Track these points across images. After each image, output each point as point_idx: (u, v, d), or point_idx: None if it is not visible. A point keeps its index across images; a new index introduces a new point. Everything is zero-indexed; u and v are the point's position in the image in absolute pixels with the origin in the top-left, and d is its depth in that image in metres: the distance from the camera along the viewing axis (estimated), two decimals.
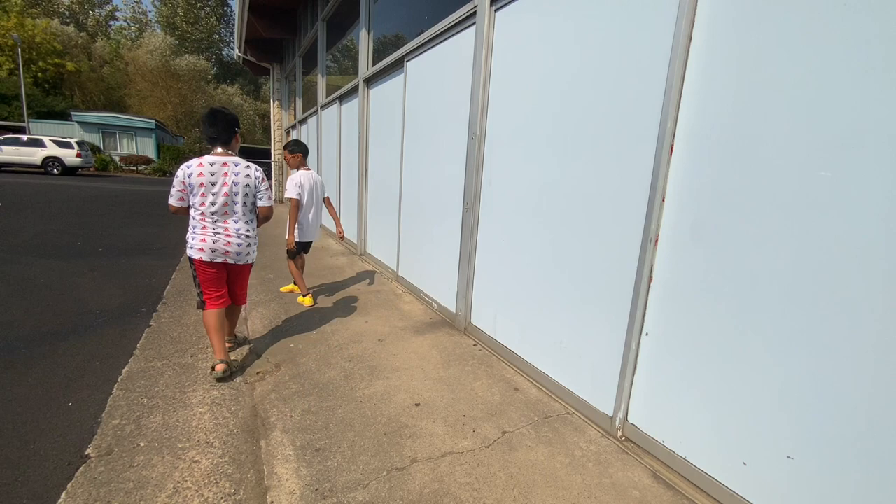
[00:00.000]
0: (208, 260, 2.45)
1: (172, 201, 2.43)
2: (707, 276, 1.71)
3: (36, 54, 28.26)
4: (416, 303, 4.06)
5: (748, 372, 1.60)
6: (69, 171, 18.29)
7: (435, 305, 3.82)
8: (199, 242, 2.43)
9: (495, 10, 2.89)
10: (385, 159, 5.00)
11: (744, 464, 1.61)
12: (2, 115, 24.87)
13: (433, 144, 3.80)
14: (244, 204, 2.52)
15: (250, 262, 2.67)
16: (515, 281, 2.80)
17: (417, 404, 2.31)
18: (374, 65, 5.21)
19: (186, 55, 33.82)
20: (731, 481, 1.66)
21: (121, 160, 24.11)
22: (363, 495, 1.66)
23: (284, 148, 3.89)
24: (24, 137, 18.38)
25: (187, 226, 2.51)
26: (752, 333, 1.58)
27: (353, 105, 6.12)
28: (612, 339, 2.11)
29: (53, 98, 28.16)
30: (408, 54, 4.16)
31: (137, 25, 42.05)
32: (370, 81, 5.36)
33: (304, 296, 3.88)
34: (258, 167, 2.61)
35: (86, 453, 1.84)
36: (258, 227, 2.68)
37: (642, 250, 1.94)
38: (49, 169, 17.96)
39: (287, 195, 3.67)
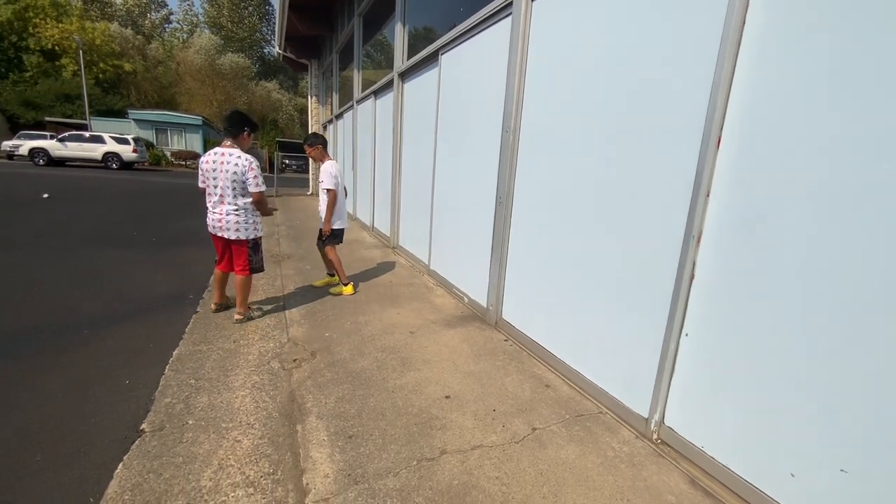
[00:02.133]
0: (211, 231, 3.08)
1: (199, 184, 3.10)
2: (755, 275, 1.62)
3: (96, 56, 30.30)
4: (447, 296, 4.09)
5: (798, 378, 1.50)
6: (126, 165, 19.58)
7: (466, 299, 3.82)
8: (207, 217, 3.07)
9: (532, 0, 2.82)
10: (418, 153, 5.02)
11: (792, 475, 1.53)
12: (66, 113, 26.90)
13: (466, 138, 3.78)
14: (233, 189, 2.94)
15: (241, 237, 3.06)
16: (548, 277, 2.75)
17: (448, 397, 2.33)
18: (408, 59, 5.23)
19: (230, 54, 35.25)
20: (776, 493, 1.57)
21: (171, 155, 25.58)
22: (393, 483, 1.70)
23: (304, 143, 3.97)
24: (87, 134, 19.85)
25: None
26: (803, 337, 1.48)
27: (387, 99, 6.18)
28: (648, 338, 2.04)
29: (112, 97, 30.16)
30: (442, 47, 4.14)
31: (189, 27, 44.19)
32: (405, 75, 5.39)
33: (345, 284, 3.99)
34: (249, 158, 2.96)
35: (141, 428, 1.98)
36: (258, 209, 3.08)
37: (684, 247, 1.85)
38: (108, 164, 19.31)
39: (324, 186, 3.76)
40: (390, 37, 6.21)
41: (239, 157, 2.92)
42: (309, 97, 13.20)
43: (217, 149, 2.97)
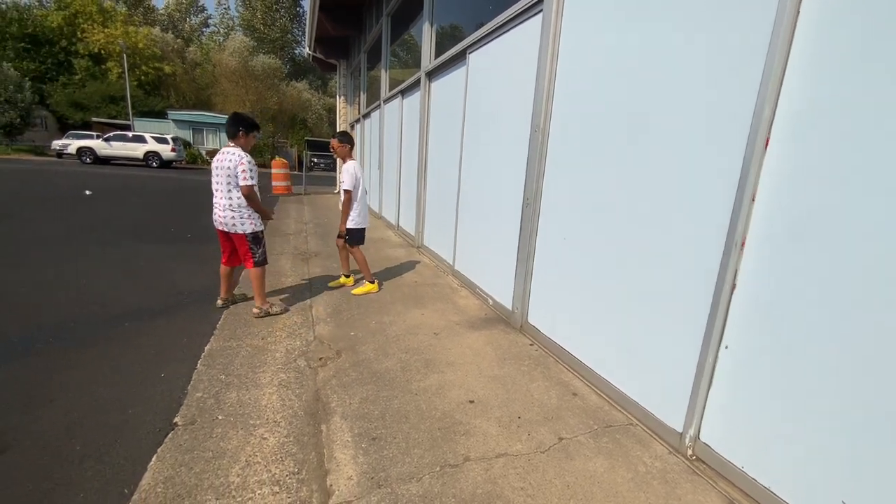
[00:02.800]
0: (215, 226, 3.25)
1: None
2: (805, 285, 1.51)
3: (139, 59, 31.81)
4: (471, 298, 4.05)
5: (855, 400, 1.39)
6: (165, 164, 20.48)
7: (490, 301, 3.78)
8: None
9: None
10: (445, 153, 5.00)
11: (843, 503, 1.41)
12: (111, 113, 28.38)
13: (494, 137, 3.73)
14: (228, 184, 3.10)
15: (238, 231, 3.19)
16: (577, 281, 2.67)
17: (471, 401, 2.30)
18: (436, 58, 5.21)
19: (261, 55, 36.24)
20: None
21: (207, 154, 26.58)
22: (416, 489, 1.68)
23: (334, 138, 3.98)
24: (130, 134, 20.87)
25: None
26: (861, 354, 1.36)
27: (414, 99, 6.18)
28: (684, 349, 1.94)
29: (153, 98, 31.63)
30: (470, 46, 4.10)
31: (225, 30, 45.80)
32: (432, 75, 5.37)
33: (371, 282, 4.02)
34: (243, 154, 3.09)
35: (174, 421, 2.04)
36: (249, 205, 3.16)
37: (725, 254, 1.75)
38: (149, 162, 20.25)
39: (344, 186, 3.78)
40: (418, 36, 6.21)
41: (234, 153, 3.08)
42: (337, 97, 13.41)
43: (223, 148, 3.19)
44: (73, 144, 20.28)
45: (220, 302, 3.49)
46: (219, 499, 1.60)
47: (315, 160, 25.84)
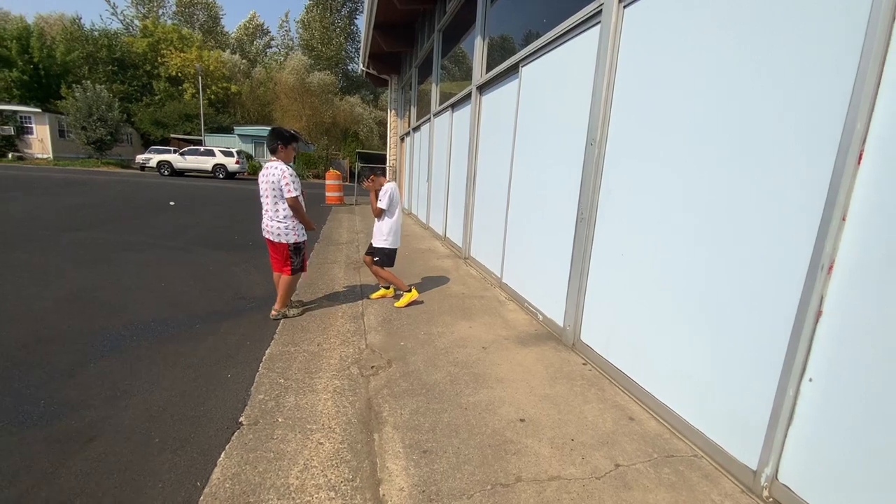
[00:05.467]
0: (264, 235, 3.45)
1: None
2: None
3: (210, 80, 34.78)
4: (519, 311, 3.99)
5: None
6: (230, 175, 22.11)
7: (540, 317, 3.70)
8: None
9: (624, 7, 2.68)
10: (494, 165, 5.01)
11: None
12: (186, 130, 31.15)
13: (546, 151, 3.69)
14: (273, 197, 3.31)
15: (281, 241, 3.38)
16: (635, 300, 2.56)
17: (522, 420, 2.25)
18: (487, 72, 5.26)
19: (317, 72, 38.35)
20: None
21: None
22: None
23: (365, 179, 4.05)
24: (201, 149, 22.78)
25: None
26: None
27: (464, 112, 6.27)
28: (759, 379, 1.79)
29: (222, 115, 34.39)
30: (523, 59, 4.10)
31: (285, 50, 49.10)
32: (483, 88, 5.43)
33: (408, 291, 4.02)
34: (285, 168, 3.28)
35: (239, 420, 2.18)
36: (295, 216, 3.38)
37: (809, 278, 1.61)
38: (216, 174, 21.96)
39: (381, 205, 3.92)
40: (469, 50, 6.31)
41: (276, 167, 3.27)
42: (388, 110, 13.89)
43: (267, 164, 3.38)
44: (154, 158, 22.46)
45: (273, 313, 3.56)
46: (280, 499, 1.68)
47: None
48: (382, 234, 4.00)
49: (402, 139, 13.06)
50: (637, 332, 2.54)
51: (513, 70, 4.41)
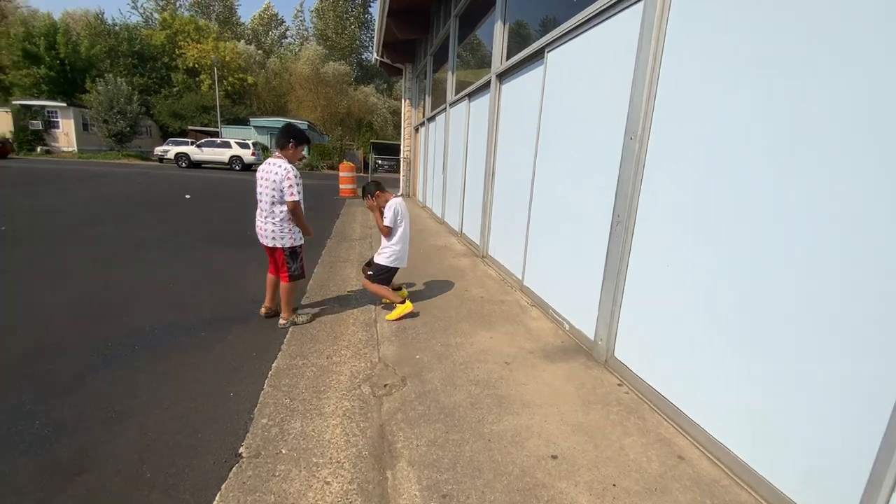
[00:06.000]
0: (259, 238, 3.23)
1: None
2: None
3: (226, 71, 34.88)
4: (543, 319, 3.70)
5: None
6: (246, 167, 22.16)
7: (566, 326, 3.41)
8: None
9: None
10: (515, 159, 4.69)
11: None
12: (203, 122, 31.39)
13: (576, 145, 3.35)
14: (271, 197, 3.05)
15: (277, 245, 3.16)
16: (682, 318, 2.25)
17: (554, 456, 1.99)
18: (508, 58, 4.90)
19: (331, 62, 38.09)
20: None
21: None
22: None
23: (367, 196, 3.67)
24: (218, 140, 22.85)
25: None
26: None
27: (482, 102, 5.93)
28: (859, 422, 1.48)
29: (238, 107, 34.53)
30: (549, 44, 3.75)
31: (300, 40, 48.96)
32: (503, 76, 5.07)
33: (401, 303, 3.57)
34: (289, 168, 3.03)
35: (239, 451, 1.97)
36: (293, 220, 3.13)
37: None
38: (233, 165, 22.02)
39: (386, 222, 3.58)
40: (487, 37, 5.94)
41: (280, 166, 3.03)
42: (403, 100, 13.55)
43: (269, 159, 3.13)
44: (172, 150, 22.66)
45: (263, 311, 3.47)
46: None
47: (379, 162, 26.61)
48: (386, 253, 3.65)
49: (417, 129, 12.73)
50: (685, 354, 2.23)
51: (537, 56, 4.05)
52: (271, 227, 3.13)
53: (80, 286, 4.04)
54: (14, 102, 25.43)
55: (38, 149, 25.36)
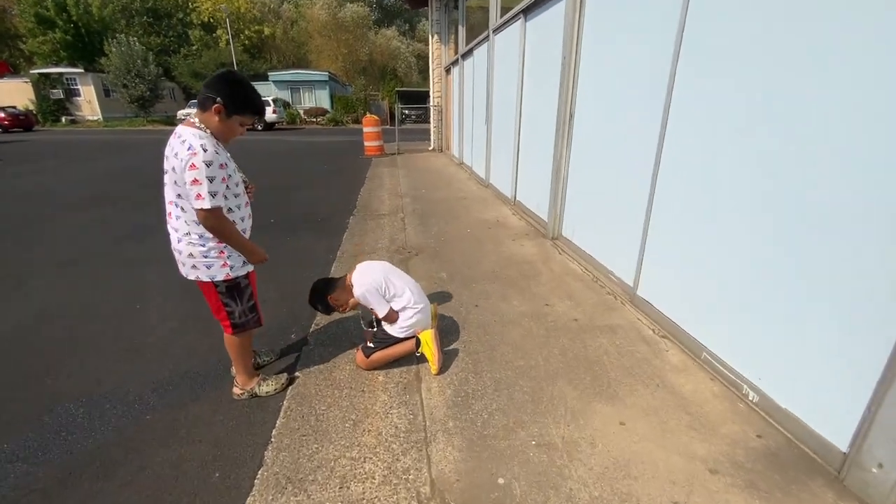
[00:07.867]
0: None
1: None
2: None
3: (242, 24, 32.84)
4: (695, 372, 2.24)
5: None
6: (268, 126, 20.94)
7: (753, 397, 1.95)
8: None
9: None
10: (614, 94, 3.04)
11: None
12: None
13: (745, 66, 1.71)
14: (177, 196, 1.70)
15: (200, 277, 1.81)
16: None
17: None
18: None
19: (349, 3, 35.00)
20: None
21: (304, 113, 26.89)
22: None
23: (331, 296, 2.30)
24: None
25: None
26: None
27: (550, 16, 4.14)
28: None
29: (258, 62, 32.79)
30: None
31: None
32: None
33: (418, 352, 2.27)
34: (194, 146, 1.61)
35: None
36: (219, 238, 1.76)
37: None
38: (255, 125, 20.86)
39: (380, 313, 2.29)
40: None
41: (183, 141, 1.63)
42: (430, 36, 11.47)
43: (176, 128, 1.74)
44: (193, 112, 21.65)
45: (236, 393, 2.09)
46: None
47: (406, 112, 24.61)
48: (401, 324, 2.28)
49: (448, 71, 10.78)
50: None
51: None
52: (188, 248, 1.77)
53: (37, 302, 3.14)
54: (32, 72, 24.97)
55: (63, 119, 25.14)
